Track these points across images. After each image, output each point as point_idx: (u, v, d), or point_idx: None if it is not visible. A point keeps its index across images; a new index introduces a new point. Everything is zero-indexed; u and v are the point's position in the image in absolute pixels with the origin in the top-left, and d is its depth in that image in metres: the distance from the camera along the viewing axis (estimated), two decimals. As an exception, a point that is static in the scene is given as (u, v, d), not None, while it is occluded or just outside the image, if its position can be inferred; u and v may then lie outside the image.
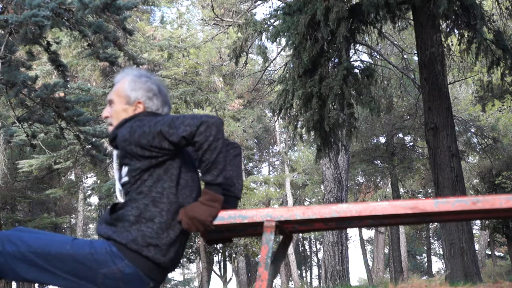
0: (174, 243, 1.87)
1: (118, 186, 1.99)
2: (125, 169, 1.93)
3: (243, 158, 25.26)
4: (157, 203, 1.85)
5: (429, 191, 24.07)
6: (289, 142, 25.44)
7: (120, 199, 1.97)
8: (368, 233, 38.50)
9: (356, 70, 8.62)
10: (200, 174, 1.85)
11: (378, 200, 23.98)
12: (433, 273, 29.91)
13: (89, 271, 1.81)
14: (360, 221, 2.09)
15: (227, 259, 25.33)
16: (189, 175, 1.94)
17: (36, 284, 31.23)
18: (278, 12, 9.20)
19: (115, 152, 2.02)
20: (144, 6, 17.06)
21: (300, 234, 29.45)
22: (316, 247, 37.43)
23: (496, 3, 9.39)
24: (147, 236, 1.82)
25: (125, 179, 1.92)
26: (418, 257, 38.25)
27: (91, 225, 30.31)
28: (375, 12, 7.73)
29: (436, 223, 20.71)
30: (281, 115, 9.48)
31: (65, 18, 7.39)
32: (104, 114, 2.10)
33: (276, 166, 30.65)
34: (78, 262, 1.81)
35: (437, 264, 41.82)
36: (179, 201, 1.88)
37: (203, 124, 1.79)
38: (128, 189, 1.91)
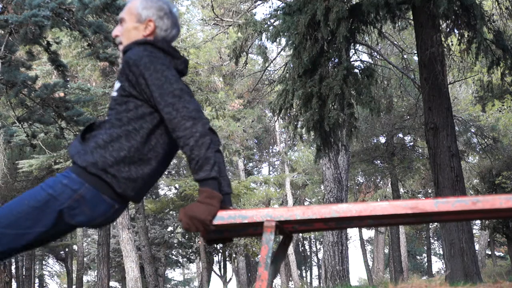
0: (134, 181, 1.86)
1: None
2: (117, 85, 1.92)
3: (243, 158, 25.28)
4: (129, 138, 1.85)
5: (429, 191, 24.07)
6: (289, 142, 25.45)
7: None
8: (368, 233, 38.58)
9: (356, 70, 8.62)
10: (192, 175, 1.84)
11: (378, 200, 23.97)
12: (433, 273, 29.92)
13: (55, 212, 1.78)
14: (360, 221, 2.09)
15: (227, 259, 25.34)
16: (167, 137, 1.92)
17: (36, 281, 31.27)
18: (278, 12, 9.20)
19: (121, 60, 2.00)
20: (144, 6, 17.00)
21: (300, 234, 29.44)
22: (316, 247, 37.43)
23: (496, 3, 9.39)
24: (107, 164, 1.81)
25: (114, 94, 1.93)
26: (418, 257, 38.23)
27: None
28: (375, 12, 7.73)
29: (436, 223, 20.72)
30: (281, 115, 9.49)
31: (65, 18, 7.39)
32: (114, 32, 2.08)
33: (276, 166, 30.67)
34: (42, 209, 1.78)
35: (437, 264, 41.86)
36: (151, 144, 1.88)
37: (190, 120, 1.80)
38: (112, 106, 1.91)
